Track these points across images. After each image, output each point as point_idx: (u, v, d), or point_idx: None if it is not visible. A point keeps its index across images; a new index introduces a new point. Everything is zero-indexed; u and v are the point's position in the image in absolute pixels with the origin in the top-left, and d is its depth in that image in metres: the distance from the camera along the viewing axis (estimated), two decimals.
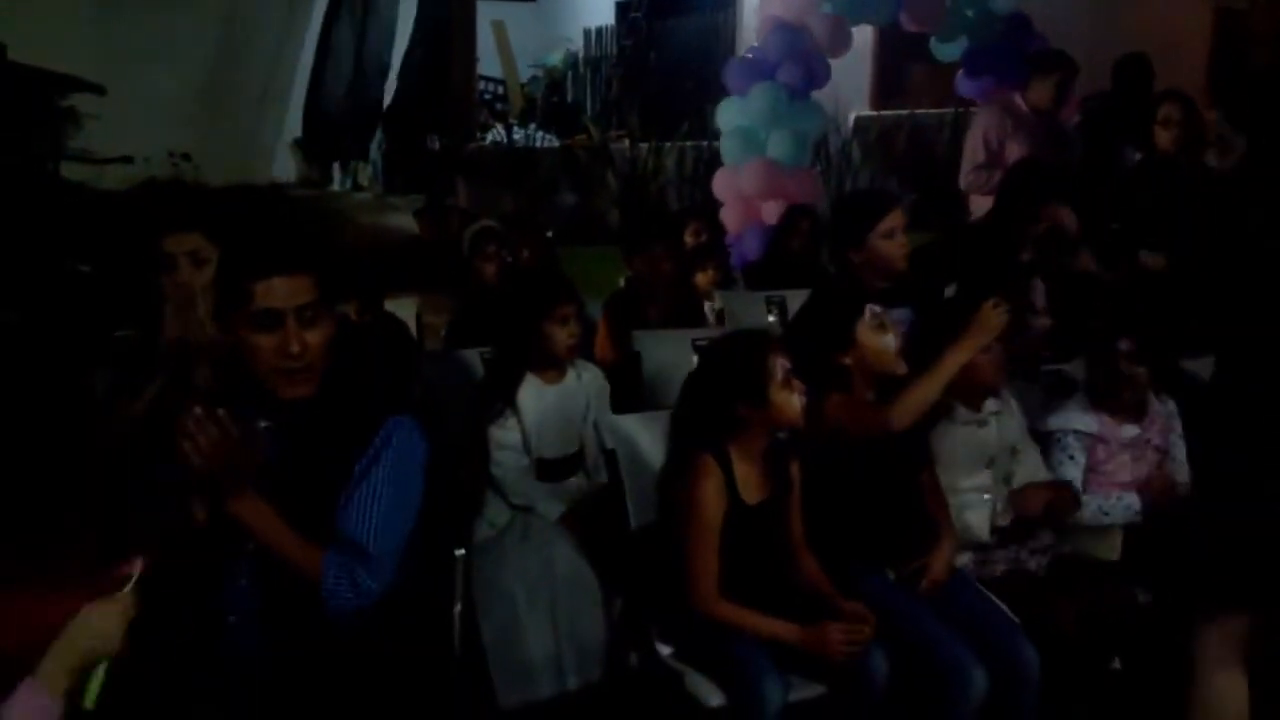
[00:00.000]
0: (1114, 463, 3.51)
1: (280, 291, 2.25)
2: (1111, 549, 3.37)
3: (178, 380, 2.56)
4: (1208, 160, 4.57)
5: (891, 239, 3.54)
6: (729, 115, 6.85)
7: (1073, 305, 4.01)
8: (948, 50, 7.17)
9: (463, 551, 3.32)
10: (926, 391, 3.01)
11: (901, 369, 3.04)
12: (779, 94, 6.57)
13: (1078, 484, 3.53)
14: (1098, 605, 3.10)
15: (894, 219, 3.55)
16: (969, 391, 3.25)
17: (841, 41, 6.81)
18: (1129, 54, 6.52)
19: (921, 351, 3.09)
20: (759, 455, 2.94)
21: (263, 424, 2.29)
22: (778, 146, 6.59)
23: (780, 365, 2.86)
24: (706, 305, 4.92)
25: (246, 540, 2.24)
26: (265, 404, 2.32)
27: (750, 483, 2.92)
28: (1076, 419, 3.56)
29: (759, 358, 2.86)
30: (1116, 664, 3.16)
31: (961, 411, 3.29)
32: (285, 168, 12.75)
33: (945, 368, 3.01)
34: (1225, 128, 5.63)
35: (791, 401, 2.85)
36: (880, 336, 3.05)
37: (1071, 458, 3.54)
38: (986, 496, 3.30)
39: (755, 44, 6.98)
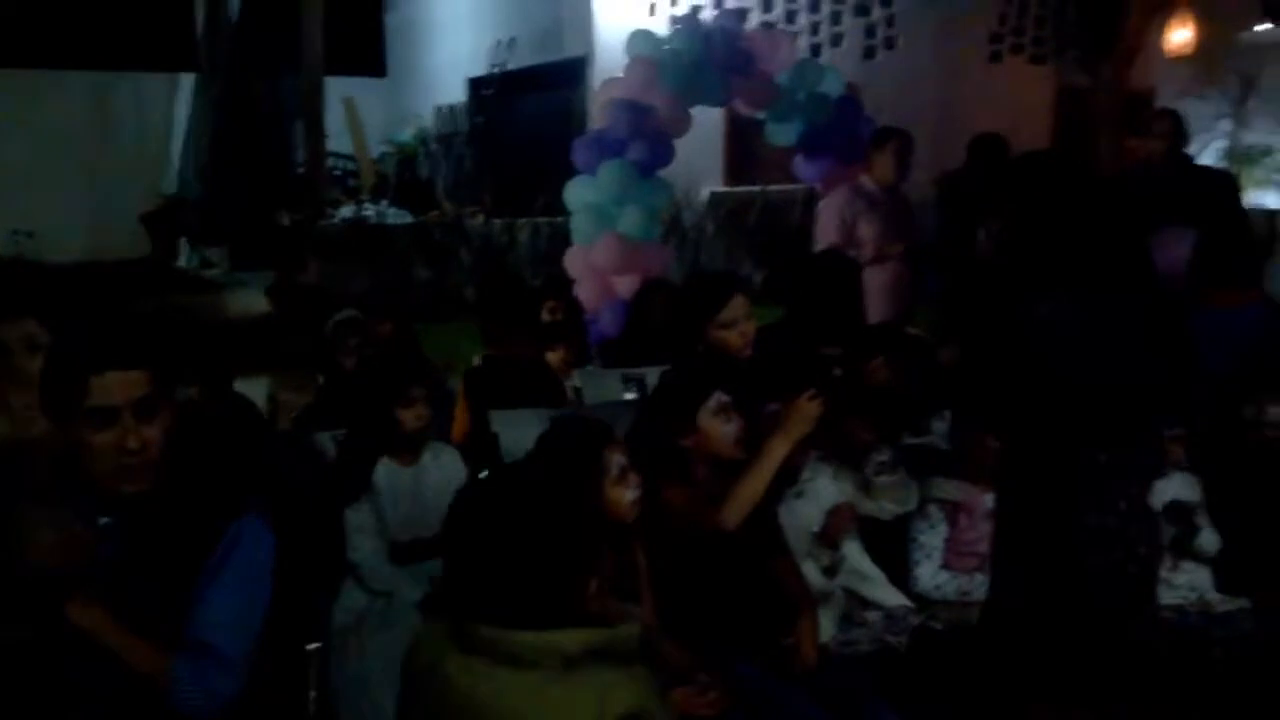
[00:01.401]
0: (976, 532, 3.56)
1: (115, 387, 2.17)
2: (969, 619, 3.41)
3: (8, 475, 2.43)
4: (980, 250, 4.71)
5: (731, 329, 3.48)
6: (578, 193, 6.89)
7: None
8: (782, 133, 7.34)
9: (317, 645, 3.23)
10: (753, 487, 3.01)
11: (740, 455, 3.03)
12: (627, 171, 6.64)
13: (938, 555, 3.58)
14: (963, 678, 3.13)
15: (734, 309, 3.50)
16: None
17: (682, 122, 6.93)
18: (984, 133, 6.75)
19: None
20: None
21: (102, 520, 2.19)
22: (628, 222, 6.65)
23: (615, 461, 2.83)
24: (565, 383, 4.88)
25: (90, 644, 2.13)
26: (103, 498, 2.22)
27: None
28: (938, 487, 3.62)
29: (592, 453, 2.82)
30: None
31: None
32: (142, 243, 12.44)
33: (768, 462, 3.02)
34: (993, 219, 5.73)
35: (624, 497, 2.82)
36: (722, 425, 3.04)
37: (932, 527, 3.59)
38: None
39: (599, 125, 7.06)
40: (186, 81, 12.94)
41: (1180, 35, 11.30)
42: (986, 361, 2.79)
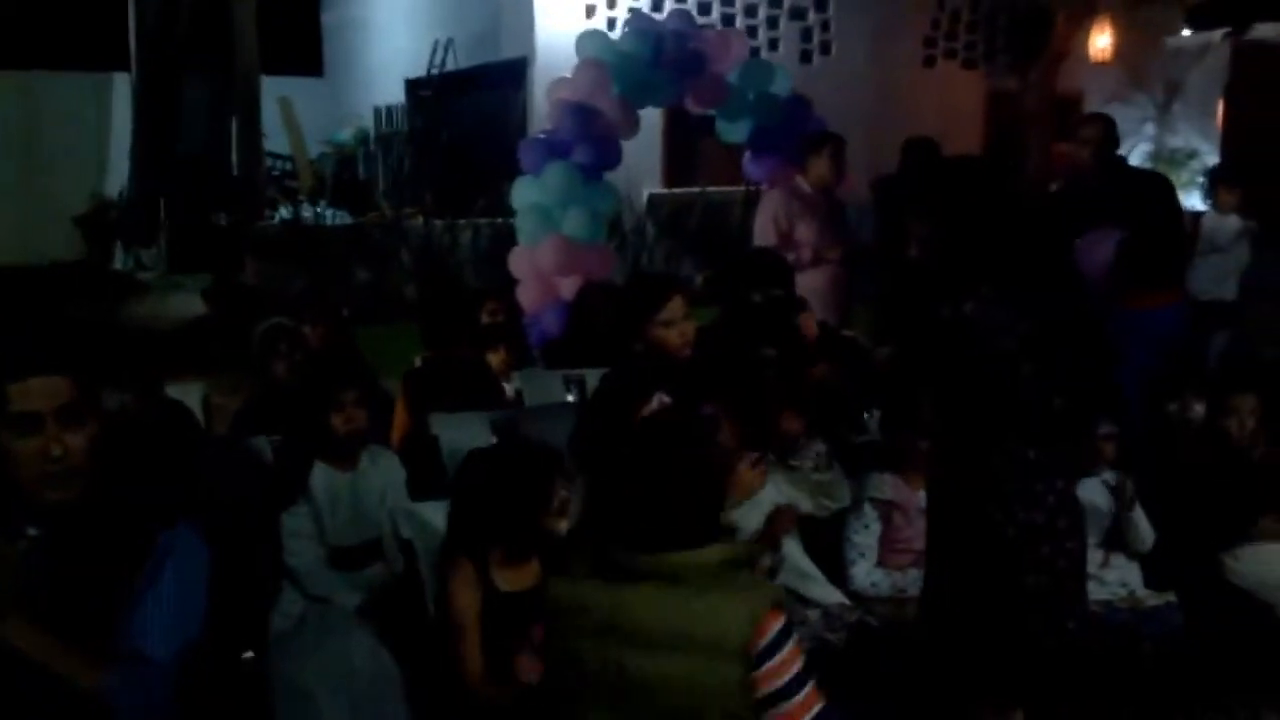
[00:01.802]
0: (912, 529, 3.58)
1: (37, 393, 2.15)
2: (906, 615, 3.45)
3: None
4: (910, 252, 4.75)
5: (670, 328, 3.48)
6: (524, 193, 6.87)
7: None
8: (733, 131, 7.40)
9: (251, 654, 3.22)
10: None
11: None
12: (573, 174, 6.63)
13: (873, 553, 3.62)
14: (900, 674, 3.17)
15: (673, 309, 3.50)
16: None
17: (631, 124, 6.94)
18: (916, 137, 6.81)
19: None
20: (524, 548, 2.96)
21: (30, 531, 2.16)
22: (573, 224, 6.64)
23: (558, 495, 2.89)
24: (506, 385, 4.88)
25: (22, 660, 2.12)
26: (30, 509, 2.18)
27: (512, 572, 2.94)
28: (872, 486, 3.65)
29: (540, 486, 2.88)
30: None
31: None
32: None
33: None
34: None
35: (560, 525, 2.90)
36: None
37: (867, 526, 3.63)
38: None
39: (547, 125, 7.03)
40: (122, 82, 12.74)
41: (1101, 41, 11.53)
42: (917, 361, 2.85)
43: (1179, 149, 11.85)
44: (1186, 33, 11.83)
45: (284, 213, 11.87)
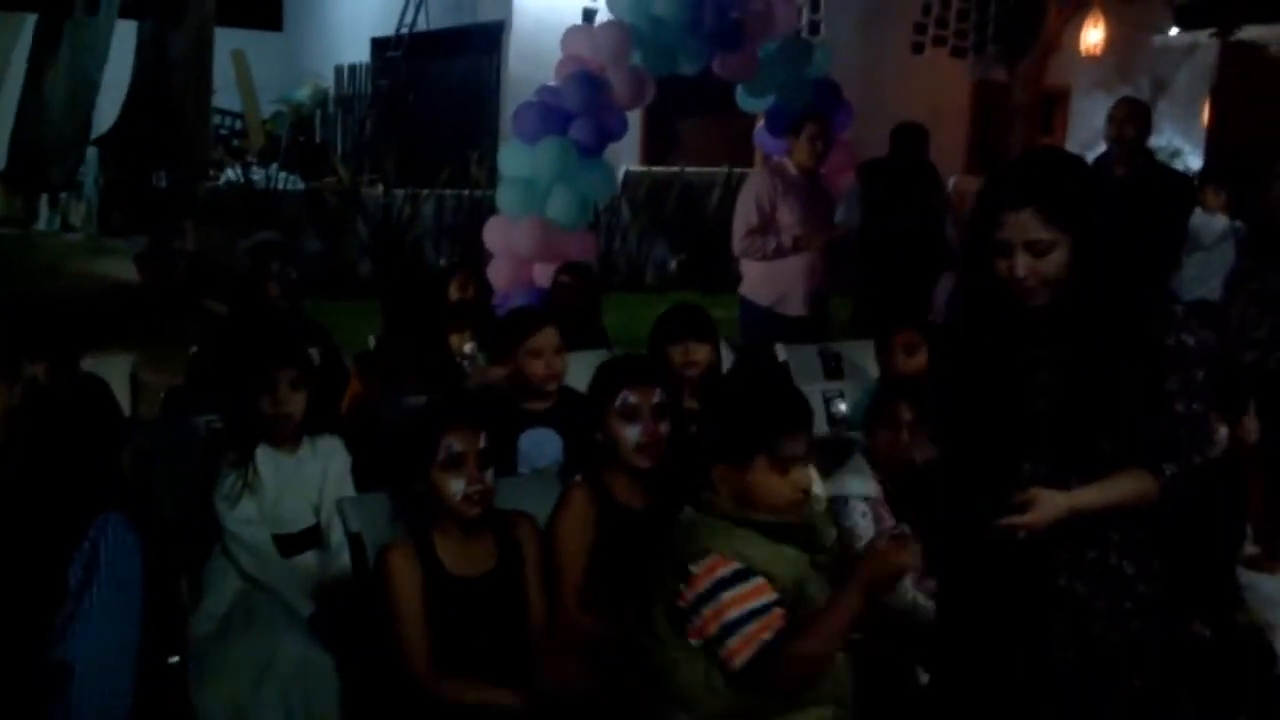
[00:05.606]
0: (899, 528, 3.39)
1: None
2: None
3: None
4: None
5: (537, 358, 3.73)
6: (512, 161, 6.49)
7: None
8: (754, 103, 7.10)
9: (177, 659, 3.07)
10: None
11: (642, 464, 2.96)
12: (568, 150, 6.26)
13: None
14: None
15: (542, 340, 3.74)
16: None
17: (641, 94, 6.56)
18: (905, 122, 6.61)
19: None
20: (471, 528, 2.80)
21: None
22: (557, 207, 6.29)
23: (445, 446, 2.72)
24: (467, 364, 4.58)
25: None
26: None
27: (461, 556, 2.79)
28: (855, 484, 3.48)
29: (426, 436, 2.76)
30: None
31: None
32: None
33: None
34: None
35: (449, 485, 2.72)
36: (625, 426, 2.96)
37: (864, 515, 3.44)
38: None
39: (525, 91, 6.65)
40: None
41: (1093, 36, 11.53)
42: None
43: (1161, 148, 11.80)
44: (1175, 31, 11.81)
45: (231, 174, 11.46)
